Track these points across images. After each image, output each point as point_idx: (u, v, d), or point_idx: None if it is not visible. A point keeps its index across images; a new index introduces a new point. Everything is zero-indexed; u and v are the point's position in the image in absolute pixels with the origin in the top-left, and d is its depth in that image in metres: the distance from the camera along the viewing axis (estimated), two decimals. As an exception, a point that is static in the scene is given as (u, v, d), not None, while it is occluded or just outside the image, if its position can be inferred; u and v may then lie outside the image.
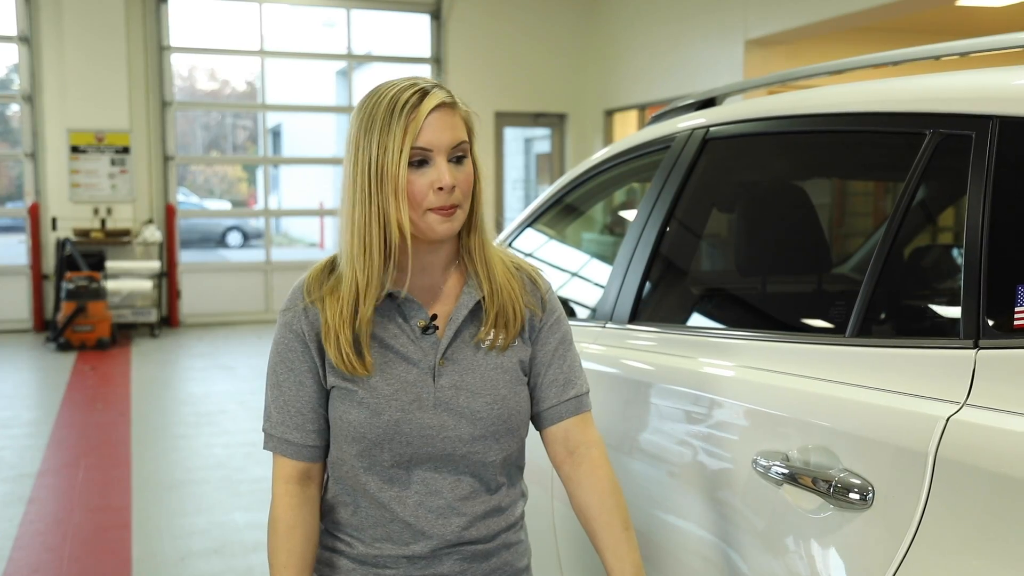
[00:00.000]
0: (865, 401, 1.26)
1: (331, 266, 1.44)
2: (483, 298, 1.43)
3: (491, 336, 1.43)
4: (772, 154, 1.94)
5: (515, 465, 1.49)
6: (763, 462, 1.38)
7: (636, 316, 1.94)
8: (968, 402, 1.13)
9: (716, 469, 1.52)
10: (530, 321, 1.47)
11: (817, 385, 1.36)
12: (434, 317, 1.42)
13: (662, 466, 1.68)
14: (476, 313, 1.44)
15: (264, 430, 1.46)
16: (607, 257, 4.68)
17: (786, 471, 1.33)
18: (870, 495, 1.20)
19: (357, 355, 1.37)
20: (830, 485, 1.25)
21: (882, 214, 6.65)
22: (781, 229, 1.84)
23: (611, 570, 1.42)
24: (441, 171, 1.34)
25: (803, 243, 1.80)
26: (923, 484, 1.13)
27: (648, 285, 1.94)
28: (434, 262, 1.42)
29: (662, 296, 1.96)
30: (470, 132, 1.41)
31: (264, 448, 1.47)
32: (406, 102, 1.33)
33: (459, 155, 1.37)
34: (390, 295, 1.40)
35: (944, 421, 1.13)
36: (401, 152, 1.32)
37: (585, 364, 1.99)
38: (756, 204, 1.91)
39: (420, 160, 1.34)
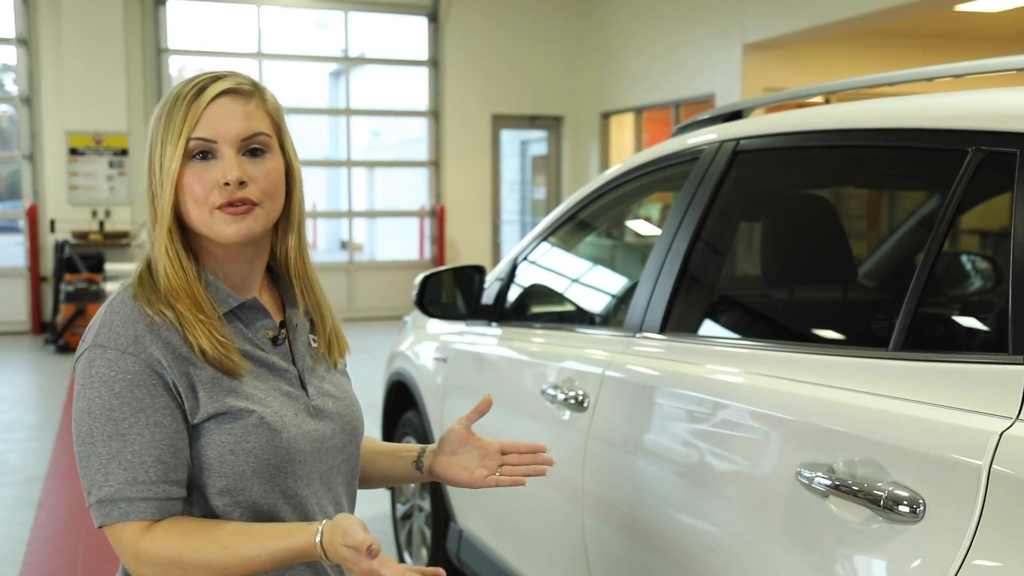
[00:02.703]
0: (913, 415, 1.28)
1: (150, 272, 1.25)
2: (308, 310, 1.36)
3: (324, 350, 1.37)
4: (806, 168, 1.96)
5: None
6: (807, 474, 1.40)
7: (667, 326, 1.97)
8: (1021, 417, 1.15)
9: (758, 480, 1.54)
10: None
11: (861, 398, 1.38)
12: (282, 324, 1.32)
13: (699, 476, 1.69)
14: (305, 320, 1.37)
15: (101, 499, 1.15)
16: (606, 260, 4.68)
17: (832, 483, 1.35)
18: (920, 508, 1.22)
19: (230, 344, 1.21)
20: (879, 498, 1.27)
21: (876, 216, 6.68)
22: (815, 242, 1.86)
23: (408, 449, 1.52)
24: (227, 164, 1.20)
25: (837, 257, 1.83)
26: (977, 499, 1.15)
27: (680, 296, 1.96)
28: (251, 271, 1.29)
29: (695, 306, 1.98)
30: (278, 126, 1.27)
31: (104, 522, 1.16)
32: (187, 93, 1.21)
33: (255, 147, 1.23)
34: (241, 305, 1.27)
35: (997, 436, 1.15)
36: (177, 143, 1.19)
37: (615, 374, 2.01)
38: (789, 217, 1.94)
39: (203, 152, 1.21)
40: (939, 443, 1.23)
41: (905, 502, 1.24)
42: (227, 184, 1.20)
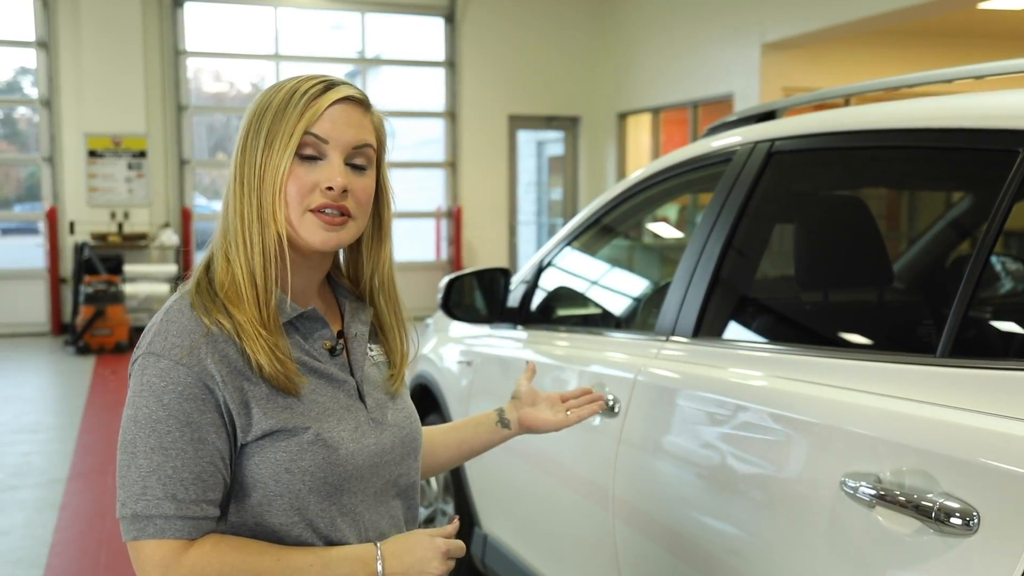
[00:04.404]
0: (966, 424, 1.25)
1: (208, 279, 1.21)
2: (374, 320, 1.34)
3: (387, 361, 1.36)
4: (845, 169, 1.93)
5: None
6: (851, 483, 1.37)
7: (699, 330, 1.93)
8: (1081, 427, 1.12)
9: (800, 489, 1.51)
10: None
11: (910, 406, 1.35)
12: (340, 335, 1.30)
13: (737, 484, 1.66)
14: (369, 330, 1.34)
15: (137, 513, 1.12)
16: (634, 263, 4.64)
17: (878, 493, 1.32)
18: (974, 521, 1.19)
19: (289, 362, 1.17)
20: (929, 509, 1.23)
21: (896, 218, 6.61)
22: (853, 244, 1.82)
23: (484, 415, 1.57)
24: (334, 169, 1.18)
25: (875, 259, 1.79)
26: (1036, 511, 1.11)
27: (713, 299, 1.93)
28: (313, 279, 1.26)
29: (729, 310, 1.95)
30: (380, 143, 1.26)
31: (138, 536, 1.13)
32: (307, 91, 1.19)
33: (360, 161, 1.22)
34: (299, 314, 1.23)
35: (1057, 446, 1.12)
36: (291, 137, 1.16)
37: (648, 379, 1.98)
38: (826, 219, 1.90)
39: (311, 154, 1.18)
40: (994, 453, 1.19)
41: (958, 514, 1.20)
42: (330, 189, 1.18)
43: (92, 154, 9.39)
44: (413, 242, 12.20)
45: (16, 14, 9.41)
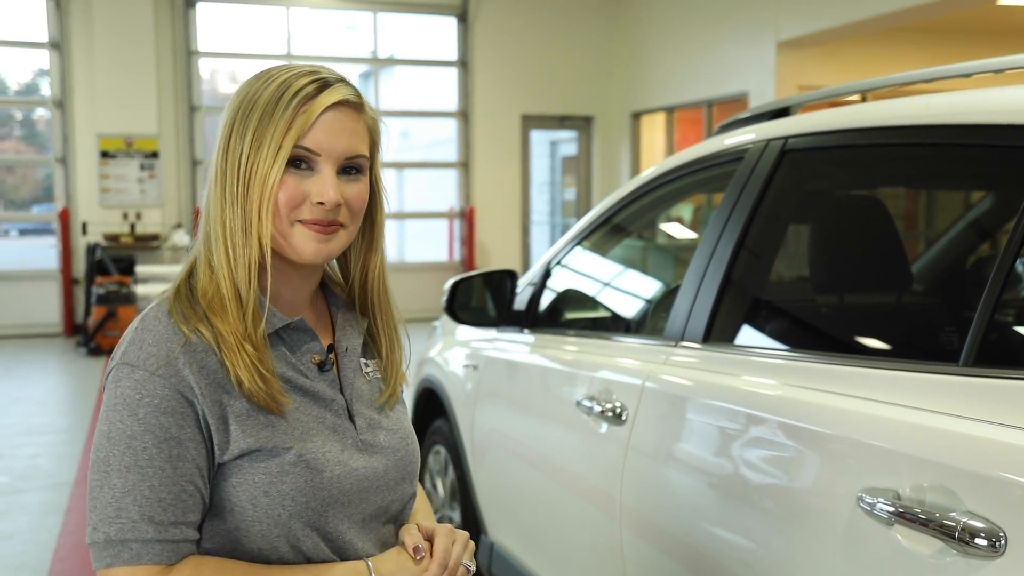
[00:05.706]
0: (991, 438, 1.17)
1: (190, 285, 1.15)
2: (368, 328, 1.27)
3: (382, 377, 1.27)
4: (862, 168, 1.85)
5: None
6: (869, 499, 1.30)
7: (710, 336, 1.86)
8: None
9: (815, 504, 1.43)
10: None
11: (931, 418, 1.27)
12: (330, 349, 1.22)
13: (749, 497, 1.59)
14: (364, 342, 1.27)
15: (111, 538, 1.04)
16: (643, 265, 4.57)
17: (897, 510, 1.24)
18: (1001, 542, 1.11)
19: (272, 378, 1.10)
20: (952, 528, 1.16)
21: (914, 218, 6.50)
22: (871, 246, 1.75)
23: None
24: (325, 183, 1.11)
25: (894, 261, 1.72)
26: (1068, 533, 1.04)
27: (724, 303, 1.86)
28: (303, 289, 1.20)
29: (740, 315, 1.88)
30: (374, 144, 1.19)
31: (112, 563, 1.04)
32: (299, 91, 1.10)
33: (351, 167, 1.15)
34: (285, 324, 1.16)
35: (1090, 464, 1.04)
36: (279, 149, 1.09)
37: (656, 386, 1.91)
38: (842, 219, 1.83)
39: (302, 162, 1.12)
40: (1022, 469, 1.12)
41: (982, 534, 1.13)
42: (321, 203, 1.11)
43: (104, 155, 9.39)
44: (426, 243, 12.18)
45: (29, 15, 9.43)
